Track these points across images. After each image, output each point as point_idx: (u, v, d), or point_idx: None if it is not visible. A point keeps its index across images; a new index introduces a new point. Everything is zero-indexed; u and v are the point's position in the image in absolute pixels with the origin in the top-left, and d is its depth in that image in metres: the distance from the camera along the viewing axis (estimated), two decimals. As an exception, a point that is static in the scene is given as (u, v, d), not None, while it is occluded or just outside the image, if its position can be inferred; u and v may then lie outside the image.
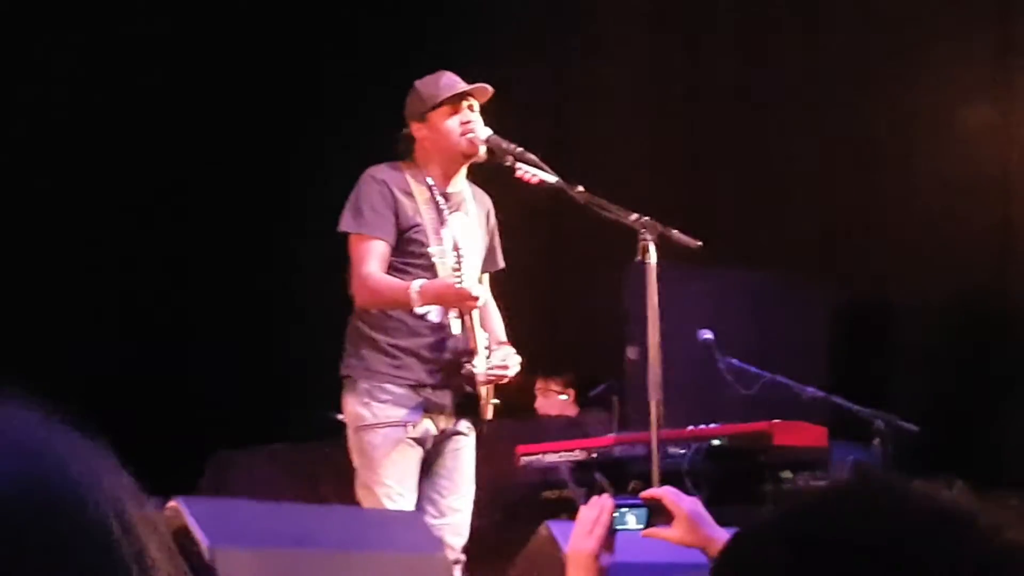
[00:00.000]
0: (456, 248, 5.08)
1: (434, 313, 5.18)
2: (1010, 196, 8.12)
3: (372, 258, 5.16)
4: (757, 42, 8.52)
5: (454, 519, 5.21)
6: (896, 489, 1.15)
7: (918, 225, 7.98)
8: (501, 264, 5.53)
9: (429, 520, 5.08)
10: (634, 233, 5.14)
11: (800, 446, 6.38)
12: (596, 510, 3.03)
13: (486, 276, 5.52)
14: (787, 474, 6.32)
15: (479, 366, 5.20)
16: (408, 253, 5.19)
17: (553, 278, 8.70)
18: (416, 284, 5.05)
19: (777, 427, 6.36)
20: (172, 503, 3.96)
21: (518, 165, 5.26)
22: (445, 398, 5.22)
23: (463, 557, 5.22)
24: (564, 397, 8.05)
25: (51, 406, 1.03)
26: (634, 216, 5.16)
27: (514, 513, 6.51)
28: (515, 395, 5.89)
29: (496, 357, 5.26)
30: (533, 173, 5.26)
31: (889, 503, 1.12)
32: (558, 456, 6.70)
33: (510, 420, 7.55)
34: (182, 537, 3.80)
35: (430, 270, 5.11)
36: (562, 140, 7.91)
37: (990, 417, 7.72)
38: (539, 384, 8.02)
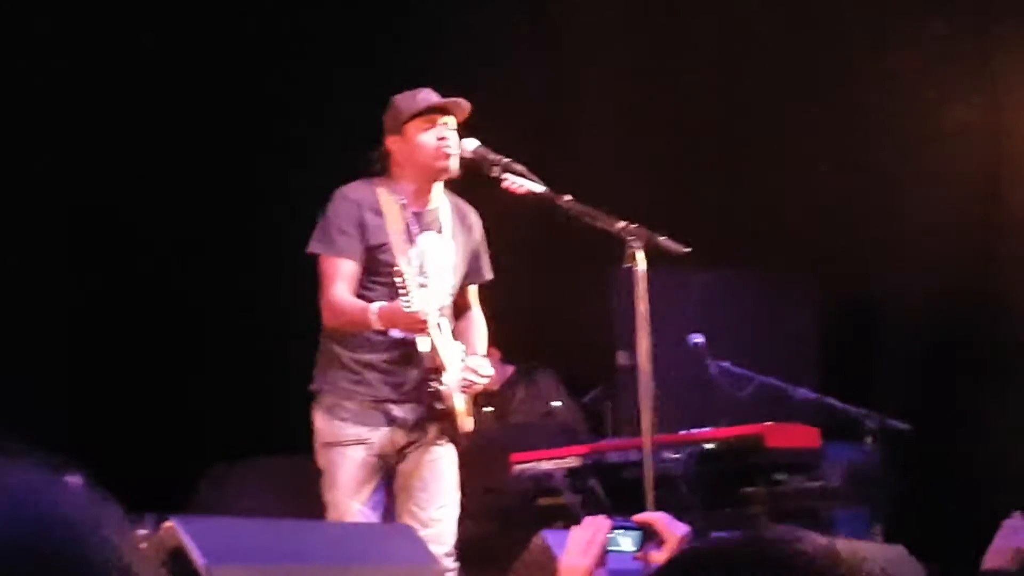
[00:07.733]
0: (421, 270, 5.15)
1: (396, 330, 5.21)
2: (994, 193, 8.14)
3: (340, 279, 5.21)
4: (739, 41, 8.52)
5: (436, 529, 5.20)
6: (783, 552, 1.16)
7: (903, 223, 7.98)
8: (488, 276, 5.54)
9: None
10: (621, 238, 5.16)
11: (793, 448, 6.40)
12: (592, 530, 3.05)
13: (473, 288, 5.53)
14: (781, 476, 6.35)
15: (449, 382, 5.21)
16: (375, 272, 5.22)
17: (540, 283, 8.69)
18: (375, 307, 5.11)
19: (769, 429, 6.38)
20: (168, 523, 3.98)
21: (505, 176, 5.28)
22: (408, 412, 5.24)
23: (456, 566, 5.23)
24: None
25: (50, 455, 1.04)
26: (621, 224, 5.17)
27: (509, 521, 6.52)
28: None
29: (469, 363, 5.29)
30: (520, 184, 5.28)
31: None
32: (552, 463, 6.71)
33: (503, 427, 7.57)
34: (178, 556, 3.81)
35: (395, 288, 5.07)
36: (544, 143, 7.90)
37: (978, 413, 7.75)
38: None
